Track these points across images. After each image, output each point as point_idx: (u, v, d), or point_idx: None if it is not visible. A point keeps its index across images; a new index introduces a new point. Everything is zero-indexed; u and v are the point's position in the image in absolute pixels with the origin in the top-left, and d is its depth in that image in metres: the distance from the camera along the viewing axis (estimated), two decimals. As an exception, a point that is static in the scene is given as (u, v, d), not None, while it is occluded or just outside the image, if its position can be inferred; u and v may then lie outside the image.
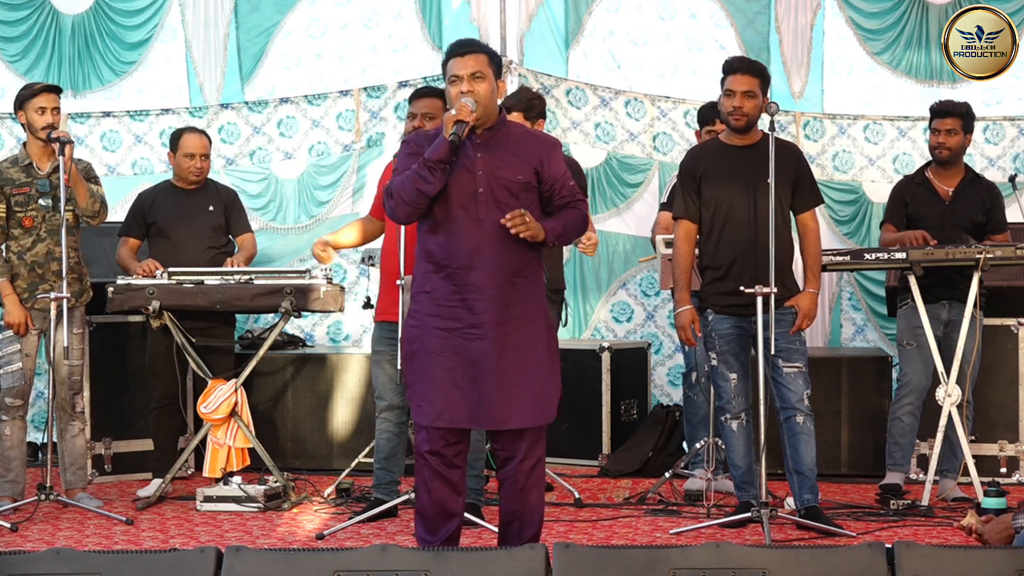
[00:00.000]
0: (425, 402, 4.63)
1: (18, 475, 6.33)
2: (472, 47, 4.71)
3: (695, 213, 5.93)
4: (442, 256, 4.63)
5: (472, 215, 4.61)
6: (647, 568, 3.87)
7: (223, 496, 6.38)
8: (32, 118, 6.29)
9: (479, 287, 4.61)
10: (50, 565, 3.94)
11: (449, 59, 4.71)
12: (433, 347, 4.63)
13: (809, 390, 5.86)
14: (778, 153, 5.70)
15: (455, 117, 4.54)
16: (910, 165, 7.90)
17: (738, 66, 5.93)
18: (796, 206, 5.93)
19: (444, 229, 4.63)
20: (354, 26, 8.40)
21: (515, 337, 4.65)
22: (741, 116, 5.85)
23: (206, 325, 6.67)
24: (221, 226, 6.98)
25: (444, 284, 4.63)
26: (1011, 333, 6.94)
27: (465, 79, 4.63)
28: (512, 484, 4.71)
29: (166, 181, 7.14)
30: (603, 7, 8.28)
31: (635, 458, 7.37)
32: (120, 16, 8.47)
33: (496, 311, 4.62)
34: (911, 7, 8.10)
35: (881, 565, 3.87)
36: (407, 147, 4.75)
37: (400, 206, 4.62)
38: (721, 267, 5.88)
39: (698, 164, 5.97)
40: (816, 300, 5.90)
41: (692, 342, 5.99)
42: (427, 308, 4.67)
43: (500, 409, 4.61)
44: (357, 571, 3.89)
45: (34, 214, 6.33)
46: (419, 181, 4.55)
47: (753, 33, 8.19)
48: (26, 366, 6.33)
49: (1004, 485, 6.20)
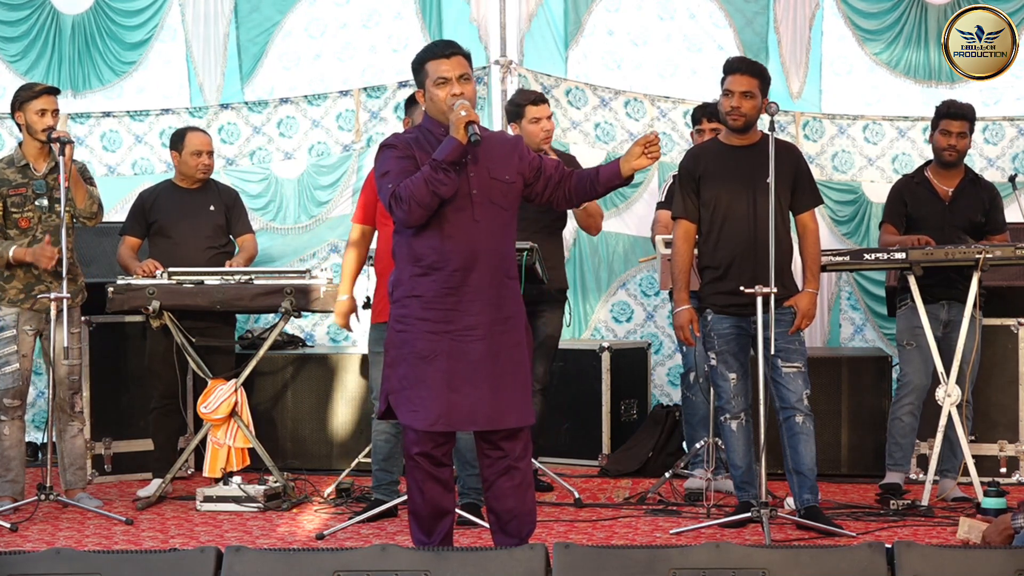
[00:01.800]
0: (420, 407, 4.61)
1: (17, 475, 6.33)
2: (455, 49, 4.69)
3: (694, 213, 5.94)
4: (436, 259, 4.60)
5: (468, 217, 4.60)
6: (647, 568, 3.87)
7: (223, 496, 6.38)
8: (32, 120, 6.29)
9: (476, 289, 4.61)
10: (50, 565, 3.94)
11: (431, 60, 4.67)
12: (423, 351, 4.61)
13: (808, 390, 5.86)
14: (778, 153, 5.70)
15: (466, 118, 4.51)
16: (909, 165, 7.90)
17: (737, 66, 5.93)
18: (795, 206, 5.93)
19: (437, 231, 4.60)
20: (354, 26, 8.40)
21: (508, 337, 4.66)
22: (739, 116, 5.85)
23: (206, 325, 6.67)
24: (222, 226, 6.98)
25: (435, 287, 4.61)
26: (1011, 333, 6.94)
27: (454, 81, 4.63)
28: (510, 481, 4.71)
29: (167, 180, 7.14)
30: (602, 7, 8.28)
31: (635, 458, 7.37)
32: (120, 16, 8.47)
33: (491, 312, 4.63)
34: (910, 7, 8.10)
35: (881, 565, 3.87)
36: (395, 151, 4.67)
37: (415, 210, 4.53)
38: (720, 267, 5.88)
39: (697, 164, 5.97)
40: (815, 300, 5.90)
41: (691, 342, 6.00)
42: (415, 312, 4.63)
43: (499, 408, 4.62)
44: (357, 571, 3.89)
45: (30, 215, 6.33)
46: (435, 184, 4.50)
47: (752, 33, 8.19)
48: (23, 366, 6.33)
49: (1004, 485, 6.21)
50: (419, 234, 4.63)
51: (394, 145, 4.71)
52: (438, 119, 4.68)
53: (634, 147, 4.67)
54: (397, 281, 4.73)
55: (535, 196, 4.82)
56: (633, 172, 4.71)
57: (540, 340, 6.31)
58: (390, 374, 4.71)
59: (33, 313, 6.33)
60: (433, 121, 4.71)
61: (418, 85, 4.76)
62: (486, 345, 4.61)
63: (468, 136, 4.50)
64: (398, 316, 4.70)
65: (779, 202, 5.77)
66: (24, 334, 6.34)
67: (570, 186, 4.80)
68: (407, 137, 4.75)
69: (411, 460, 4.70)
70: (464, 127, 4.51)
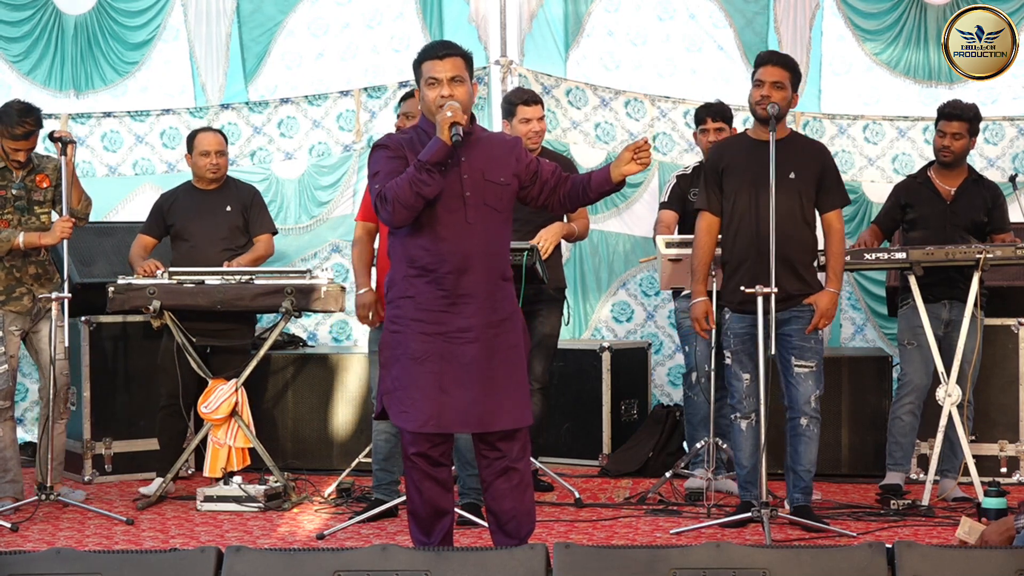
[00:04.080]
0: (411, 407, 4.61)
1: (16, 475, 6.35)
2: (450, 50, 4.68)
3: (716, 206, 5.93)
4: (429, 261, 4.60)
5: (460, 219, 4.59)
6: (647, 568, 3.88)
7: (223, 496, 6.38)
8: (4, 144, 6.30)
9: (470, 292, 4.61)
10: (50, 565, 3.94)
11: (426, 60, 4.67)
12: (416, 352, 4.61)
13: (819, 391, 5.87)
14: (804, 150, 5.77)
15: (451, 119, 4.50)
16: (909, 165, 7.90)
17: (768, 58, 5.93)
18: (821, 205, 5.92)
19: (430, 233, 4.59)
20: (356, 26, 8.41)
21: (503, 339, 4.66)
22: (767, 106, 5.82)
23: (225, 326, 6.65)
24: (239, 227, 6.94)
25: (429, 288, 4.61)
26: (1011, 333, 6.94)
27: (444, 83, 4.62)
28: (508, 482, 4.71)
29: (187, 182, 7.09)
30: (602, 7, 8.28)
31: (635, 458, 7.37)
32: (123, 16, 8.48)
33: (485, 315, 4.63)
34: (909, 7, 8.11)
35: (881, 565, 3.87)
36: (386, 151, 4.67)
37: (399, 211, 4.53)
38: (736, 262, 5.87)
39: (722, 157, 5.97)
40: (835, 300, 5.89)
41: (705, 334, 5.99)
42: (409, 313, 4.63)
43: (492, 410, 4.62)
44: (357, 571, 3.89)
45: (10, 217, 6.34)
46: (418, 185, 4.49)
47: (752, 34, 8.20)
48: (11, 367, 6.35)
49: (1004, 485, 6.21)
50: (413, 235, 4.62)
51: (386, 145, 4.70)
52: (430, 119, 4.68)
53: (624, 152, 4.67)
54: (392, 281, 4.73)
55: (531, 199, 4.82)
56: (624, 178, 4.71)
57: (538, 339, 6.31)
58: (384, 375, 4.72)
59: (17, 315, 6.34)
60: (427, 121, 4.71)
61: (417, 85, 4.77)
62: (479, 347, 4.61)
63: (451, 137, 4.49)
64: (392, 317, 4.70)
65: (802, 199, 5.78)
66: (10, 335, 6.35)
67: (564, 191, 4.80)
68: (401, 138, 4.75)
69: (408, 460, 4.71)
70: (448, 128, 4.49)
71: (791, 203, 5.79)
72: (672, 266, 6.40)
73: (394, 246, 4.72)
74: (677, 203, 6.88)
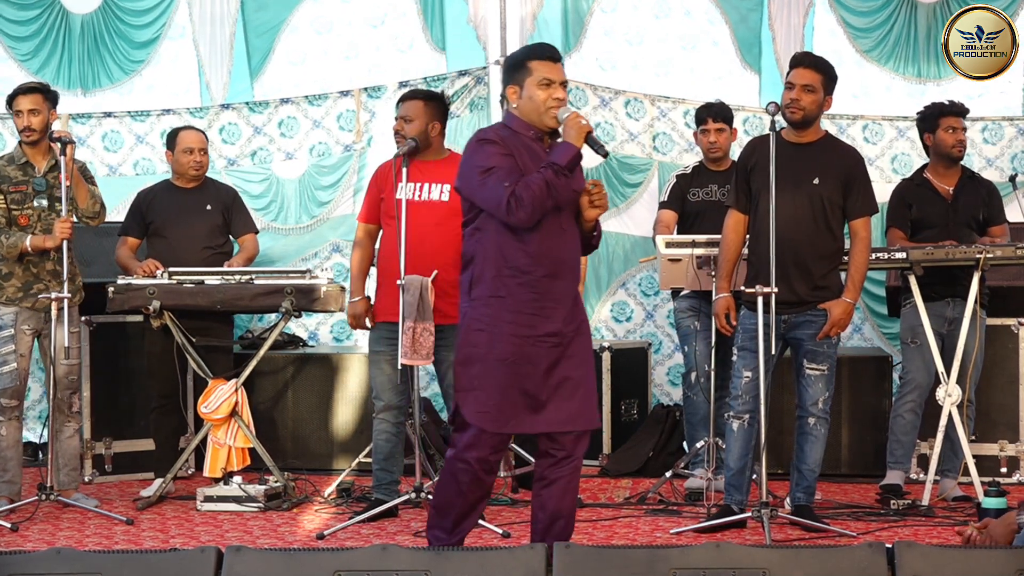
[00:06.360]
0: (494, 408, 4.61)
1: (14, 475, 6.33)
2: (559, 56, 4.76)
3: (744, 204, 5.91)
4: (526, 263, 4.61)
5: (557, 225, 4.65)
6: (647, 568, 3.88)
7: (223, 496, 6.38)
8: (15, 120, 6.33)
9: (560, 297, 4.66)
10: (50, 565, 3.94)
11: (536, 59, 4.69)
12: (505, 354, 4.60)
13: (829, 394, 5.86)
14: (834, 154, 5.77)
15: (587, 128, 4.62)
16: (909, 165, 7.90)
17: (801, 59, 5.91)
18: (848, 211, 5.88)
19: (531, 236, 4.60)
20: (359, 25, 8.41)
21: (580, 343, 4.72)
22: (797, 109, 5.78)
23: (203, 325, 6.65)
24: (219, 226, 6.95)
25: (522, 291, 4.62)
26: (1011, 333, 6.95)
27: (558, 85, 4.67)
28: (566, 484, 4.75)
29: (165, 180, 7.12)
30: (600, 7, 8.29)
31: (635, 458, 7.37)
32: (129, 15, 8.49)
33: (568, 320, 4.68)
34: (900, 6, 8.12)
35: (881, 565, 3.88)
36: (497, 147, 4.63)
37: (536, 213, 4.54)
38: (758, 261, 5.84)
39: (751, 155, 5.93)
40: (849, 310, 5.82)
41: (727, 330, 5.97)
42: (501, 314, 4.62)
43: (572, 411, 4.66)
44: (357, 571, 3.90)
45: (30, 213, 6.34)
46: (555, 188, 4.55)
47: (746, 30, 8.23)
48: (20, 366, 6.33)
49: (1004, 485, 6.22)
50: (512, 236, 4.62)
51: (495, 141, 4.66)
52: (529, 119, 4.68)
53: (582, 200, 4.73)
54: (477, 279, 4.68)
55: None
56: (590, 224, 4.78)
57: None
58: (461, 372, 4.69)
59: (32, 312, 6.33)
60: (521, 123, 4.70)
61: (511, 82, 4.72)
62: (564, 351, 4.65)
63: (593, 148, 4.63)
64: (477, 315, 4.66)
65: (826, 203, 5.76)
66: (22, 333, 6.34)
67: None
68: (501, 133, 4.71)
69: (463, 463, 4.69)
70: (584, 136, 4.59)
71: (812, 207, 5.76)
72: (672, 266, 6.40)
73: (481, 243, 4.68)
74: (676, 203, 6.89)
